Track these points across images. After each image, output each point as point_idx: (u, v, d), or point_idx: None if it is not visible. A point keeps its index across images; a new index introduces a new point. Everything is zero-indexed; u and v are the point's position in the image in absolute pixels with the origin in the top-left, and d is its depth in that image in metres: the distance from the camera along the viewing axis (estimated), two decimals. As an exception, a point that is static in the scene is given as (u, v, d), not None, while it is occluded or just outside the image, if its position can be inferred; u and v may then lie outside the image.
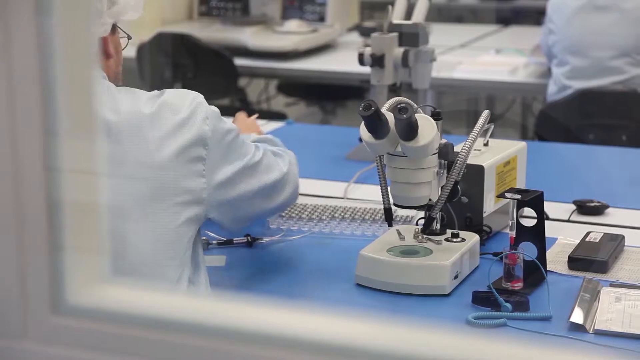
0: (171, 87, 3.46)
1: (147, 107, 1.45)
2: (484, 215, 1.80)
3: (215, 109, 1.52)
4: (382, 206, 1.71)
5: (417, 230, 1.71)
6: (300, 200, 2.07)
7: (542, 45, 3.41)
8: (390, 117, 1.58)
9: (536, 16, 3.41)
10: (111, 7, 1.50)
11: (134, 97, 1.47)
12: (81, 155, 0.71)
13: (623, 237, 1.79)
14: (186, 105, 1.47)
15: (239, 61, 3.86)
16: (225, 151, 1.51)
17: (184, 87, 1.54)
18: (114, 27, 1.54)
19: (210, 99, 1.57)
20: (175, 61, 3.79)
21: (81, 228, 0.71)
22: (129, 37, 1.60)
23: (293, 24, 4.01)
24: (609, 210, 2.01)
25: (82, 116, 0.70)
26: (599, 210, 2.00)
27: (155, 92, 1.50)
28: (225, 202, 1.53)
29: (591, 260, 1.69)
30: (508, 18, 5.83)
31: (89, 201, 0.72)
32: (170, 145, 1.44)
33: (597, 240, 1.77)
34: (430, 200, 1.65)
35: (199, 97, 1.51)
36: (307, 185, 2.21)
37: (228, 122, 1.56)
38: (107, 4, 1.49)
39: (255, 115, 2.22)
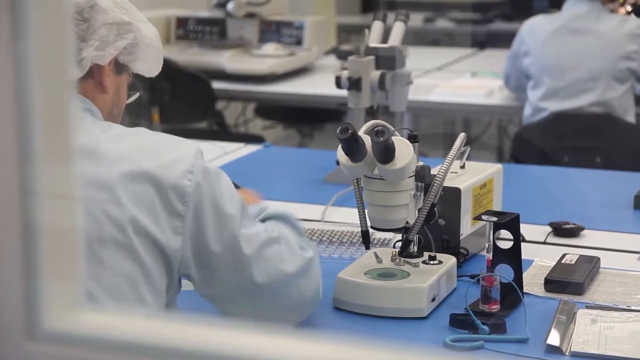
0: (148, 111, 3.47)
1: (124, 142, 1.38)
2: (461, 237, 1.81)
3: (212, 170, 1.40)
4: (359, 229, 1.71)
5: (394, 252, 1.71)
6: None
7: (509, 75, 3.42)
8: (367, 140, 1.59)
9: (511, 39, 3.43)
10: (117, 41, 1.46)
11: (111, 129, 1.41)
12: (56, 180, 0.70)
13: (598, 259, 1.80)
14: (168, 152, 1.38)
15: (217, 84, 3.86)
16: (211, 221, 1.37)
17: (160, 110, 1.51)
18: (120, 67, 1.49)
19: (187, 123, 1.55)
20: (152, 85, 3.79)
21: (57, 253, 0.71)
22: (141, 92, 1.54)
23: (270, 48, 4.02)
24: (584, 232, 2.02)
25: (58, 141, 0.70)
26: (574, 232, 2.02)
27: (140, 129, 1.43)
28: (206, 273, 1.40)
29: (567, 282, 1.70)
30: (483, 41, 5.88)
31: (65, 226, 0.71)
32: (135, 172, 1.35)
33: (573, 262, 1.78)
34: (407, 222, 1.65)
35: (187, 149, 1.39)
36: (284, 209, 2.21)
37: (225, 186, 1.40)
38: (114, 35, 1.46)
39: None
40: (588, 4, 3.22)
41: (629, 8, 3.43)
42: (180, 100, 3.80)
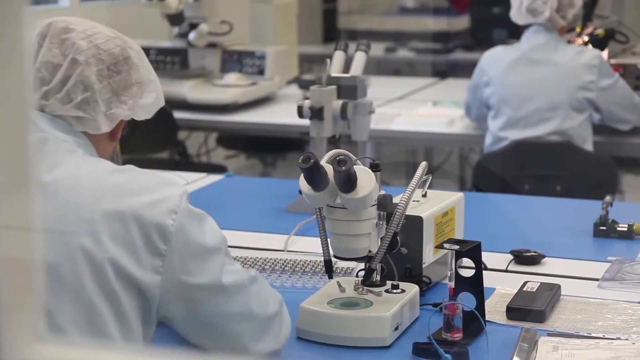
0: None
1: (112, 179, 1.38)
2: (424, 266, 1.81)
3: (196, 212, 1.40)
4: (322, 258, 1.71)
5: (357, 281, 1.71)
6: (240, 253, 2.07)
7: (470, 105, 3.45)
8: (329, 169, 1.59)
9: (471, 69, 3.47)
10: (143, 99, 1.50)
11: (102, 164, 1.41)
12: (15, 211, 0.70)
13: (559, 286, 1.82)
14: (154, 191, 1.38)
15: (178, 114, 3.85)
16: (193, 260, 1.38)
17: (121, 140, 1.50)
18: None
19: (149, 153, 1.55)
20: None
21: (16, 285, 0.70)
22: (124, 131, 1.56)
23: (232, 77, 4.02)
24: (545, 259, 2.04)
25: (17, 173, 0.69)
26: (535, 260, 2.03)
27: (130, 166, 1.42)
28: (184, 310, 1.39)
29: (529, 309, 1.71)
30: (444, 71, 5.94)
31: (24, 258, 0.71)
32: (117, 210, 1.34)
33: (534, 290, 1.79)
34: (370, 251, 1.66)
35: (174, 190, 1.39)
36: (247, 238, 2.21)
37: (210, 231, 1.40)
38: (142, 94, 1.49)
39: None
40: (546, 35, 3.27)
41: (585, 38, 3.49)
42: (141, 131, 3.75)
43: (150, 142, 3.89)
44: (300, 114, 2.37)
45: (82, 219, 1.33)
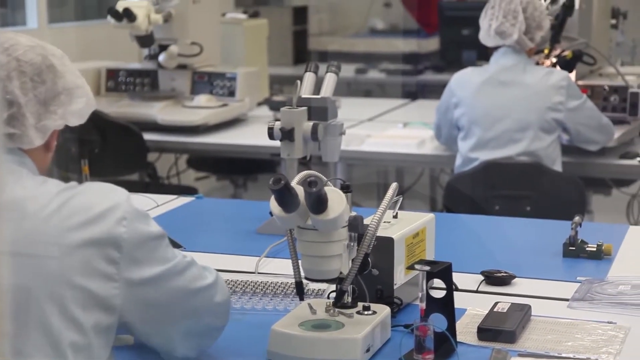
0: (78, 163, 3.42)
1: (58, 198, 1.37)
2: (395, 287, 1.81)
3: (140, 211, 1.42)
4: (293, 280, 1.71)
5: (328, 303, 1.70)
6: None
7: (440, 126, 3.46)
8: (300, 190, 1.59)
9: (441, 90, 3.49)
10: (73, 106, 1.47)
11: (46, 185, 1.40)
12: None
13: (529, 306, 1.82)
14: (101, 203, 1.38)
15: (148, 136, 3.84)
16: (146, 255, 1.41)
17: (90, 162, 1.50)
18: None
19: (118, 175, 1.54)
20: (81, 137, 3.75)
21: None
22: (59, 140, 1.54)
23: (202, 99, 4.02)
24: (515, 280, 2.05)
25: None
26: (505, 281, 2.04)
27: (73, 184, 1.42)
28: (144, 304, 1.42)
29: (499, 330, 1.71)
30: (414, 92, 5.97)
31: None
32: (71, 239, 1.34)
33: (505, 311, 1.79)
34: (341, 273, 1.65)
35: (119, 197, 1.40)
36: (217, 261, 2.19)
37: (154, 225, 1.45)
38: (71, 100, 1.48)
39: None
40: (515, 57, 3.29)
41: (553, 60, 3.52)
42: (111, 152, 3.76)
43: (120, 164, 3.87)
44: (271, 135, 2.37)
45: (34, 239, 1.33)
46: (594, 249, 2.19)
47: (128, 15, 3.77)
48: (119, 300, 1.38)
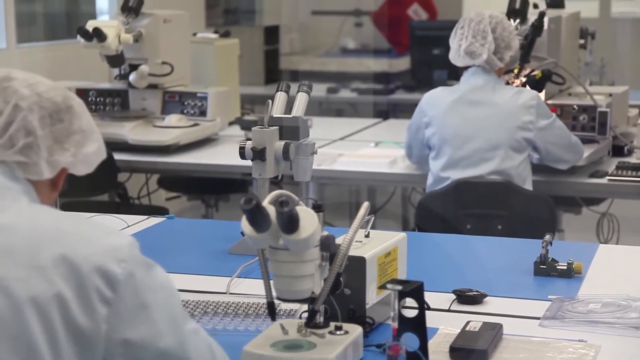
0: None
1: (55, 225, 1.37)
2: (367, 306, 1.81)
3: (147, 259, 1.38)
4: (265, 300, 1.70)
5: (300, 323, 1.69)
6: (182, 296, 2.03)
7: (411, 146, 3.47)
8: (271, 210, 1.58)
9: (412, 109, 3.50)
10: (86, 148, 1.49)
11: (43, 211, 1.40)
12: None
13: (501, 325, 1.82)
14: (104, 240, 1.36)
15: (119, 156, 3.82)
16: (144, 309, 1.35)
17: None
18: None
19: (89, 195, 1.54)
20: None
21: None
22: (68, 195, 1.55)
23: (173, 119, 4.01)
24: (487, 299, 2.05)
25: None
26: (477, 299, 2.04)
27: (77, 214, 1.42)
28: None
29: (471, 349, 1.71)
30: (386, 111, 5.99)
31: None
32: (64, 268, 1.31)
33: (477, 330, 1.79)
34: (313, 293, 1.65)
35: (122, 240, 1.37)
36: (188, 281, 2.18)
37: (159, 276, 1.39)
38: (85, 142, 1.49)
39: None
40: (485, 76, 3.32)
41: (523, 80, 3.55)
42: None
43: (90, 184, 3.83)
44: (243, 155, 2.37)
45: (27, 265, 1.31)
46: (565, 268, 2.21)
47: (98, 35, 3.75)
48: (104, 344, 1.33)
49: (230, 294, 2.11)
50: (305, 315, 1.70)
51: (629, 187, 3.39)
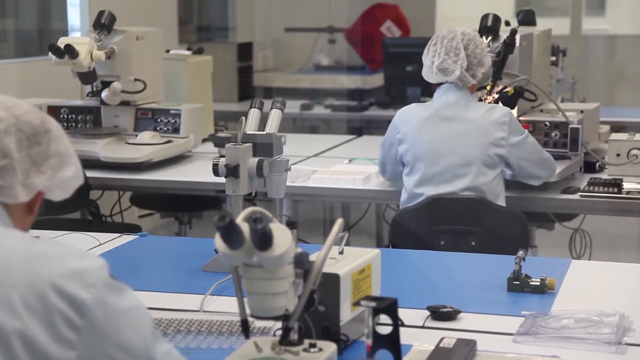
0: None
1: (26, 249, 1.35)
2: (341, 324, 1.80)
3: (115, 283, 1.37)
4: (239, 318, 1.69)
5: (274, 341, 1.69)
6: (155, 315, 2.02)
7: (384, 162, 3.48)
8: (245, 227, 1.57)
9: (386, 126, 3.51)
10: (63, 172, 1.48)
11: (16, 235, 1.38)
12: None
13: (475, 342, 1.82)
14: (73, 263, 1.35)
15: (91, 173, 3.79)
16: (115, 333, 1.34)
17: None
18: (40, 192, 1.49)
19: (60, 213, 1.52)
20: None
21: None
22: (40, 214, 1.53)
23: (146, 136, 3.99)
24: (461, 315, 2.05)
25: None
26: (451, 316, 2.04)
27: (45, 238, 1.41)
28: None
29: (446, 365, 1.71)
30: (359, 128, 6.01)
31: None
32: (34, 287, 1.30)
33: (451, 346, 1.79)
34: (287, 310, 1.64)
35: (92, 263, 1.36)
36: (161, 299, 2.16)
37: (129, 299, 1.39)
38: (62, 166, 1.48)
39: None
40: (457, 93, 3.33)
41: (495, 96, 3.57)
42: (53, 190, 3.69)
43: (62, 202, 3.80)
44: (216, 172, 2.36)
45: None
46: (538, 284, 2.21)
47: (70, 51, 3.73)
48: None
49: (204, 311, 2.10)
50: (279, 332, 1.69)
51: (600, 203, 3.41)
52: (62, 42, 3.77)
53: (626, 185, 3.45)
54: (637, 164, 3.66)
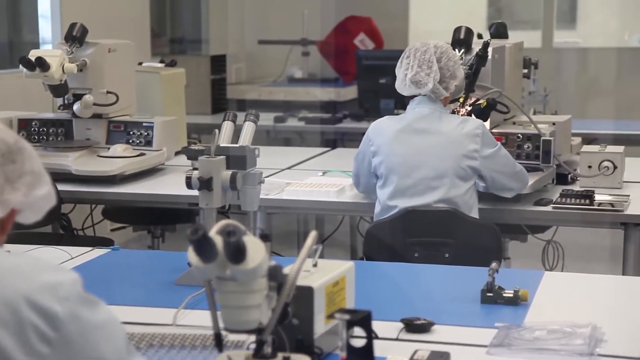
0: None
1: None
2: (315, 336, 1.80)
3: (89, 297, 1.36)
4: (212, 332, 1.68)
5: (248, 354, 1.68)
6: (127, 329, 2.00)
7: (358, 175, 3.48)
8: (218, 240, 1.57)
9: (360, 138, 3.51)
10: (37, 191, 1.46)
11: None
12: None
13: (449, 354, 1.82)
14: (46, 276, 1.34)
15: (62, 187, 3.76)
16: (89, 347, 1.34)
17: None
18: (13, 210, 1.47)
19: (31, 227, 1.51)
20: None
21: None
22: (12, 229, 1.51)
23: (119, 148, 3.96)
24: (435, 327, 2.05)
25: None
26: (425, 328, 2.04)
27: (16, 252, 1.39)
28: None
29: (421, 378, 1.71)
30: (333, 140, 6.01)
31: None
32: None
33: (425, 359, 1.79)
34: (260, 323, 1.63)
35: (65, 276, 1.35)
36: (134, 314, 2.15)
37: (102, 312, 1.39)
38: (36, 184, 1.46)
39: None
40: (430, 105, 3.34)
41: (468, 108, 3.59)
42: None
43: (33, 215, 3.77)
44: (189, 184, 2.35)
45: None
46: (511, 295, 2.22)
47: (41, 64, 3.70)
48: None
49: (177, 325, 2.09)
50: (253, 346, 1.68)
51: (572, 214, 3.43)
52: (33, 55, 3.74)
53: (598, 197, 3.48)
54: (608, 176, 3.69)
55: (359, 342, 1.63)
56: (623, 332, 2.03)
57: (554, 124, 3.75)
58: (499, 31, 4.38)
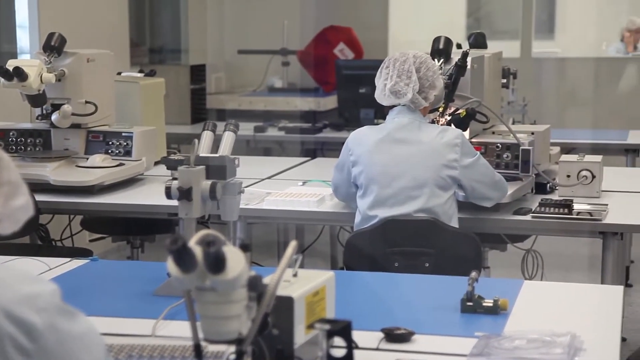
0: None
1: None
2: (295, 347, 1.79)
3: (67, 308, 1.36)
4: (192, 342, 1.67)
5: (228, 366, 1.67)
6: (106, 340, 1.99)
7: (338, 185, 3.48)
8: (198, 250, 1.56)
9: (340, 147, 3.51)
10: (13, 201, 1.45)
11: None
12: None
13: (430, 363, 1.83)
14: (25, 287, 1.33)
15: (40, 197, 3.73)
16: (67, 358, 1.33)
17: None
18: None
19: (9, 238, 1.50)
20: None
21: None
22: None
23: (97, 159, 3.94)
24: (415, 337, 2.05)
25: None
26: (405, 338, 2.04)
27: None
28: None
29: (401, 388, 1.71)
30: (313, 150, 6.02)
31: None
32: None
33: (406, 368, 1.79)
34: (240, 333, 1.62)
35: (44, 287, 1.34)
36: (113, 325, 2.13)
37: (81, 323, 1.39)
38: (12, 195, 1.46)
39: None
40: (410, 115, 3.35)
41: (447, 118, 3.60)
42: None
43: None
44: (169, 194, 2.34)
45: None
46: (491, 304, 2.22)
47: (19, 74, 3.68)
48: None
49: (156, 336, 2.08)
50: (233, 356, 1.67)
51: (552, 223, 3.45)
52: (10, 65, 3.72)
53: (576, 206, 3.50)
54: (587, 185, 3.71)
55: (339, 352, 1.63)
56: (602, 341, 2.04)
57: (532, 133, 3.77)
58: (478, 41, 4.41)
